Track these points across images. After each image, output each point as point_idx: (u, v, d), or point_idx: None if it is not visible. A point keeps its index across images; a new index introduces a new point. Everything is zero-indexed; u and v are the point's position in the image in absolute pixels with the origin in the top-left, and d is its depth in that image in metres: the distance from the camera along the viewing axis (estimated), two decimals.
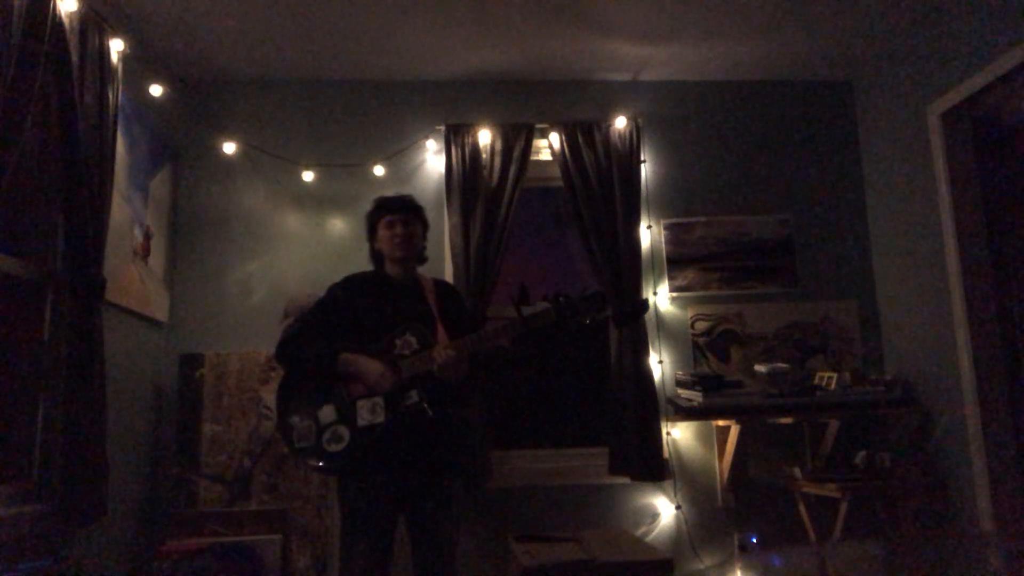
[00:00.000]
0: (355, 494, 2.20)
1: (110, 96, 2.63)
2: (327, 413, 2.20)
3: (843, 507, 3.05)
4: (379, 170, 3.61)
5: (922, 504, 3.24)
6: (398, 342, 2.24)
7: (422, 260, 2.47)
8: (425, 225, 2.47)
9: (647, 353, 3.40)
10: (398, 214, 2.39)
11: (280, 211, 3.59)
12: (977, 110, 3.16)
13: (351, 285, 2.39)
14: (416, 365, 2.20)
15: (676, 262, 3.66)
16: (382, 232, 2.39)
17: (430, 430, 2.23)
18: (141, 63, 3.17)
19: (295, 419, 2.23)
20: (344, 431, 2.17)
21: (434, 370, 2.16)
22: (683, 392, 3.35)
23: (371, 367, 2.18)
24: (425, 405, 2.17)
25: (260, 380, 3.26)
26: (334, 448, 2.16)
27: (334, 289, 2.40)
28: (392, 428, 2.17)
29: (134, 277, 3.03)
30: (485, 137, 3.54)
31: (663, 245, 3.66)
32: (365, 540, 2.15)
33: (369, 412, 2.17)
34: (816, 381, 3.36)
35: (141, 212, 3.14)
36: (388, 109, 3.73)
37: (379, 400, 2.18)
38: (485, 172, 3.49)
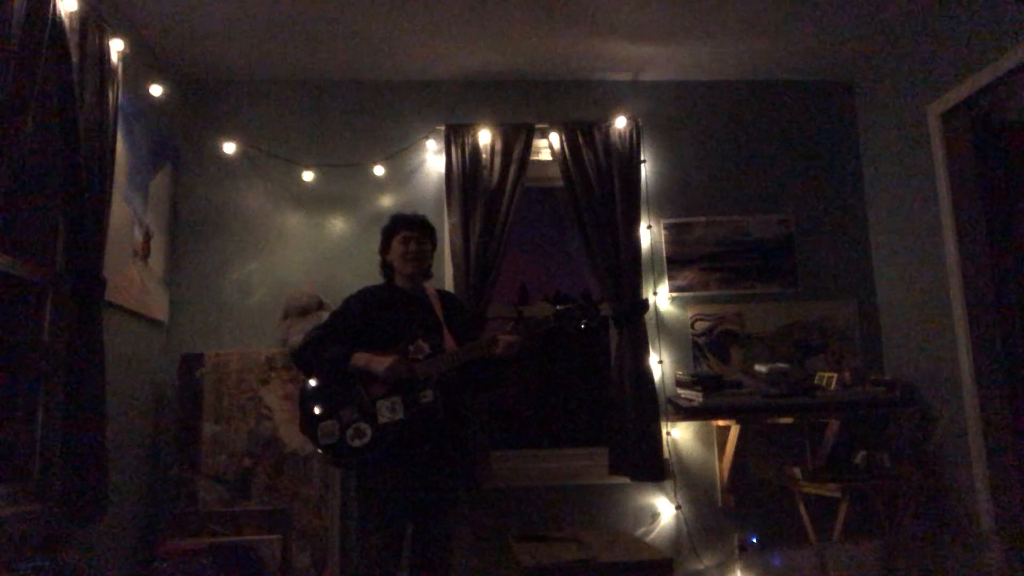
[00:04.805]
0: (373, 491, 2.35)
1: (110, 96, 2.63)
2: (349, 411, 2.35)
3: (843, 507, 3.06)
4: (379, 170, 3.60)
5: (922, 504, 3.24)
6: (411, 348, 2.40)
7: (428, 275, 2.65)
8: (434, 243, 2.65)
9: (647, 353, 3.40)
10: (414, 231, 2.57)
11: (280, 211, 3.59)
12: (977, 110, 3.16)
13: (365, 296, 2.57)
14: (432, 367, 2.36)
15: (676, 262, 3.66)
16: (397, 246, 2.57)
17: (446, 429, 2.41)
18: (141, 63, 3.17)
19: (319, 419, 2.36)
20: (366, 427, 2.32)
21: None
22: (683, 392, 3.35)
23: (383, 360, 2.33)
24: (439, 405, 2.33)
25: (260, 380, 3.25)
26: (357, 443, 2.31)
27: (349, 300, 2.56)
28: (411, 424, 2.31)
29: (134, 277, 3.03)
30: (485, 137, 3.53)
31: (663, 245, 3.66)
32: (380, 535, 2.31)
33: (389, 410, 2.33)
34: (816, 381, 3.36)
35: (141, 212, 3.14)
36: (388, 109, 3.73)
37: (398, 399, 2.33)
38: (485, 172, 3.49)
